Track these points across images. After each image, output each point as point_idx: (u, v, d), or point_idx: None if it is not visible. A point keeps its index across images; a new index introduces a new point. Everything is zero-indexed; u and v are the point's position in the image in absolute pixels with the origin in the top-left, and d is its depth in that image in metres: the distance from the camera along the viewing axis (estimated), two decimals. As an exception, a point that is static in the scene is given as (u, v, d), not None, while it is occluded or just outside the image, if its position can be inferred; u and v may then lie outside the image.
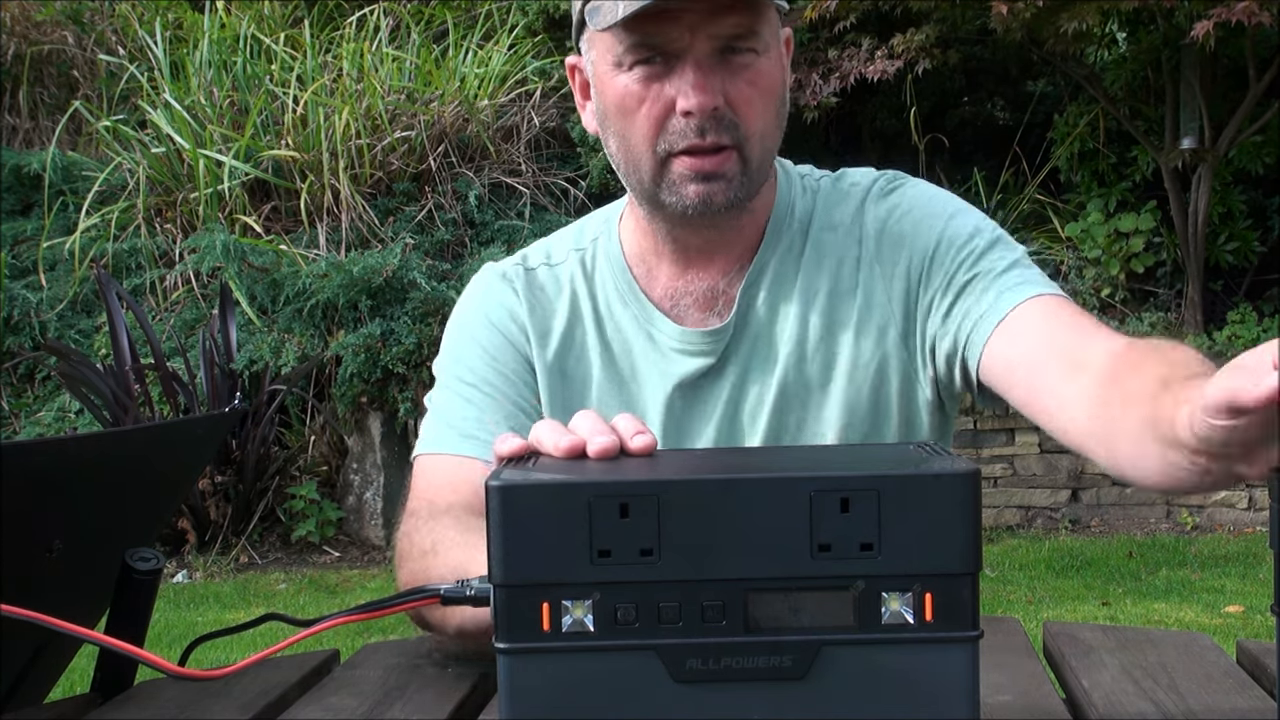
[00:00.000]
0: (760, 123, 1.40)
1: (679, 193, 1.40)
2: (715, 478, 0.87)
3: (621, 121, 1.41)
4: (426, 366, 6.46)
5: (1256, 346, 0.91)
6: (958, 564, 0.84)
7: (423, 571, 1.28)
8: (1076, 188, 7.55)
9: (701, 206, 1.40)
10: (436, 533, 1.32)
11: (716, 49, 1.37)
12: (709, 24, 1.35)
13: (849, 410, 1.46)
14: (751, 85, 1.39)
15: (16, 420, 6.90)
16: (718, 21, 1.35)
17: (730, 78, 1.38)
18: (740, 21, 1.36)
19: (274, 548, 6.50)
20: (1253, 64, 6.77)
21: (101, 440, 1.85)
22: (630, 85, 1.39)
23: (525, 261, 1.58)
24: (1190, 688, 1.14)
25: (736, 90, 1.38)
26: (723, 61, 1.37)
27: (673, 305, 1.50)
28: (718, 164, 1.39)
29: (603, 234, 1.56)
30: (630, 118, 1.40)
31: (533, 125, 7.90)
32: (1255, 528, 6.56)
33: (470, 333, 1.54)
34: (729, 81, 1.37)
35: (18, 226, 7.74)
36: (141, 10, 8.74)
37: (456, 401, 1.50)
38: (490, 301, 1.55)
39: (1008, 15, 6.44)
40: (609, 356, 1.51)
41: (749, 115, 1.39)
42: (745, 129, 1.39)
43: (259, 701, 1.16)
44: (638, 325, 1.51)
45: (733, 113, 1.38)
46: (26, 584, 1.14)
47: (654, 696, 0.85)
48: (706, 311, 1.49)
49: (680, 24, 1.35)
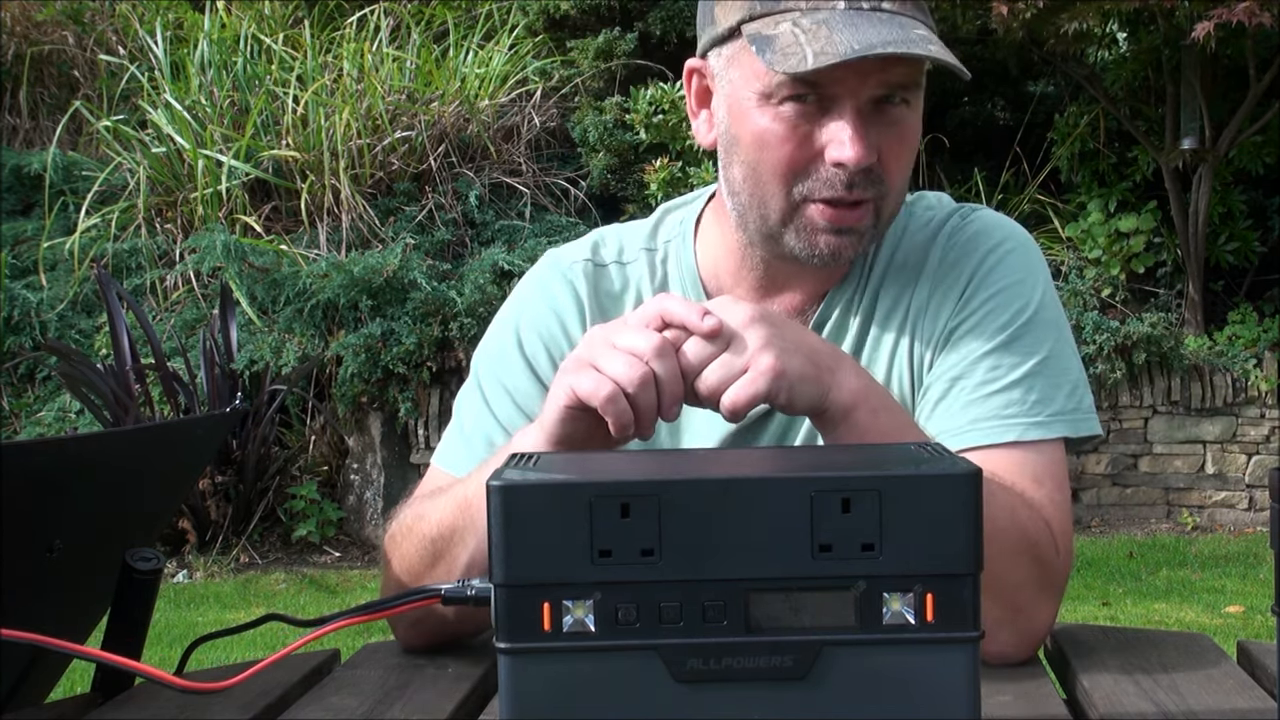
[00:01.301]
0: (901, 178, 1.34)
1: (808, 240, 1.33)
2: (716, 478, 0.87)
3: (758, 154, 1.32)
4: (427, 367, 6.47)
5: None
6: (959, 564, 0.84)
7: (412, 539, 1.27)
8: (1077, 188, 7.55)
9: (830, 259, 1.34)
10: (421, 506, 1.30)
11: (876, 98, 1.29)
12: (879, 73, 1.27)
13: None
14: (901, 140, 1.32)
15: (17, 420, 6.90)
16: (888, 70, 1.27)
17: (884, 131, 1.30)
18: (908, 72, 1.29)
19: (274, 548, 6.50)
20: (1253, 64, 6.77)
21: (102, 440, 1.84)
22: (776, 123, 1.30)
23: (596, 255, 1.48)
24: (1190, 688, 1.14)
25: (888, 145, 1.31)
26: (878, 111, 1.30)
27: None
28: (856, 219, 1.32)
29: (677, 237, 1.48)
30: (769, 153, 1.31)
31: (533, 125, 7.90)
32: (1255, 528, 6.56)
33: (517, 337, 1.45)
34: (883, 135, 1.30)
35: (18, 226, 7.74)
36: (142, 10, 8.74)
37: (482, 413, 1.44)
38: (541, 309, 1.45)
39: (1008, 15, 6.44)
40: None
41: (894, 171, 1.32)
42: (888, 184, 1.32)
43: (259, 702, 1.16)
44: None
45: (880, 168, 1.31)
46: (27, 584, 1.14)
47: (655, 697, 0.85)
48: None
49: (849, 69, 1.25)
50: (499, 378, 1.44)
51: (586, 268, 1.46)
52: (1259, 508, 6.64)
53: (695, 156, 7.38)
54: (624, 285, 1.46)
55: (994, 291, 1.37)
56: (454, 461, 1.42)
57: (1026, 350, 1.35)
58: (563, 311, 1.44)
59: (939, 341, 1.38)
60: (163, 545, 6.11)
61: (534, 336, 1.44)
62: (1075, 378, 1.37)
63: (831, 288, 1.42)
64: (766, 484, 0.85)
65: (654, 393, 1.12)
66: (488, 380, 1.45)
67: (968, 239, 1.40)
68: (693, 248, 1.46)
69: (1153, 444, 6.69)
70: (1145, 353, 6.53)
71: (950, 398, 1.34)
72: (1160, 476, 6.70)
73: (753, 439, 1.42)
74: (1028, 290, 1.38)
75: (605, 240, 1.50)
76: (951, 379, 1.35)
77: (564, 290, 1.45)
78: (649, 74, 7.90)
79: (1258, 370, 6.65)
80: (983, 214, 1.44)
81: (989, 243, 1.40)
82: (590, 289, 1.45)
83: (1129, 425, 6.67)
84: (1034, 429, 1.33)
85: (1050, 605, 1.27)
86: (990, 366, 1.33)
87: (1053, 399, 1.34)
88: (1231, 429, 6.67)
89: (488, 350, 1.47)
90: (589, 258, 1.47)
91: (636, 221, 1.52)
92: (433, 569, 1.25)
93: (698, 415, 1.40)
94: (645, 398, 1.12)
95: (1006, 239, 1.40)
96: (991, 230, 1.41)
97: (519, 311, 1.47)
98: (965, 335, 1.36)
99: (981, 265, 1.38)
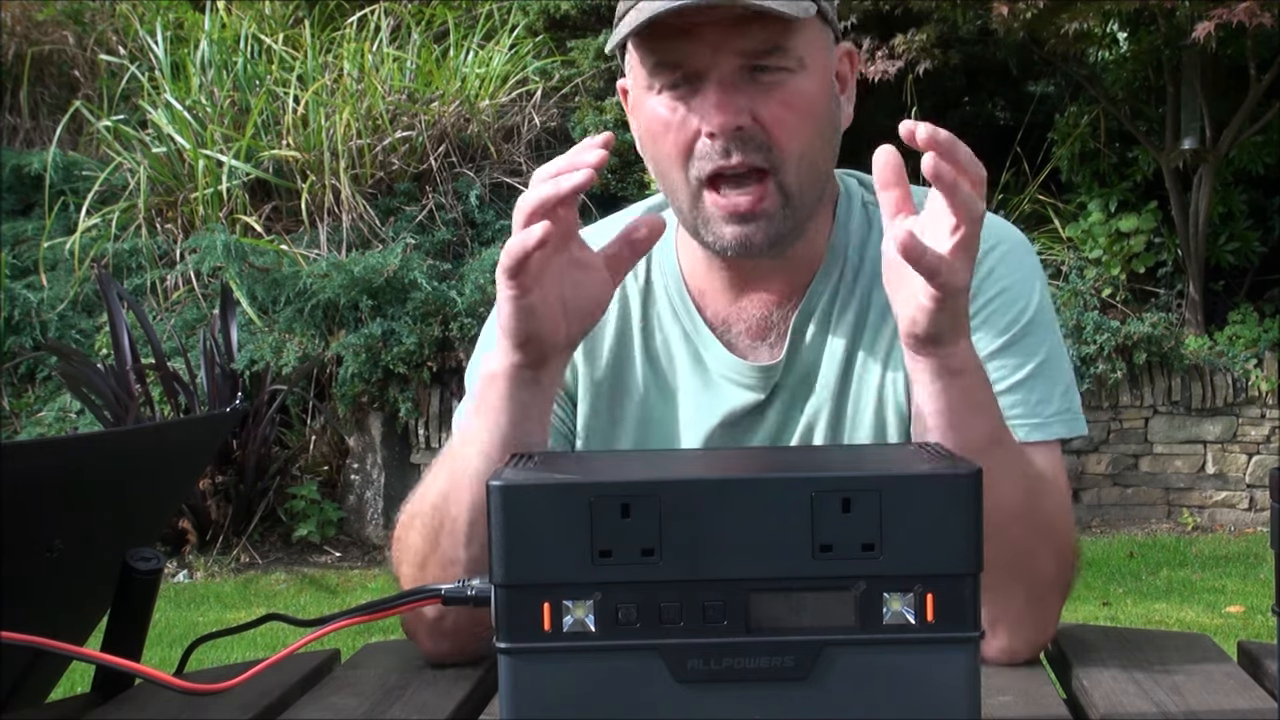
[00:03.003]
0: (798, 144, 1.32)
1: (715, 233, 1.34)
2: (716, 478, 0.87)
3: (654, 147, 1.35)
4: (428, 367, 6.47)
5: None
6: (959, 564, 0.84)
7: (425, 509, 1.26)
8: (1077, 188, 7.55)
9: (740, 249, 1.34)
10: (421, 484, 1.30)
11: (743, 67, 1.30)
12: (732, 39, 1.28)
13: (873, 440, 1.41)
14: (785, 105, 1.31)
15: (17, 420, 6.90)
16: (741, 36, 1.28)
17: (761, 97, 1.30)
18: (766, 36, 1.29)
19: (275, 548, 6.50)
20: (1253, 64, 6.77)
21: (102, 440, 1.84)
22: (659, 109, 1.33)
23: None
24: (1191, 688, 1.14)
25: (768, 110, 1.30)
26: (751, 80, 1.30)
27: (725, 330, 1.43)
28: (753, 202, 1.32)
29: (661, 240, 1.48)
30: (661, 142, 1.34)
31: (533, 125, 7.90)
32: (1256, 528, 6.56)
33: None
34: (759, 100, 1.30)
35: (18, 226, 7.74)
36: (142, 10, 8.73)
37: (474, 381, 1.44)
38: None
39: (1008, 15, 6.44)
40: (653, 369, 1.44)
41: (782, 136, 1.31)
42: (780, 151, 1.31)
43: (259, 702, 1.16)
44: (686, 342, 1.44)
45: (764, 133, 1.30)
46: (27, 584, 1.14)
47: (655, 697, 0.85)
48: (758, 341, 1.42)
49: (702, 41, 1.28)
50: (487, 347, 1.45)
51: None
52: (1259, 508, 6.63)
53: (695, 156, 7.37)
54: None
55: (995, 293, 1.37)
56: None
57: (1028, 351, 1.36)
58: None
59: None
60: (163, 545, 6.11)
61: None
62: (1069, 378, 1.38)
63: (808, 282, 1.41)
64: (767, 484, 0.85)
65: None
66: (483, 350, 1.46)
67: None
68: (675, 248, 1.46)
69: (1153, 444, 6.69)
70: (1146, 353, 6.53)
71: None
72: (1161, 476, 6.70)
73: (744, 436, 1.42)
74: (1027, 291, 1.38)
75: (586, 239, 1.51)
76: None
77: None
78: (649, 74, 7.90)
79: (1258, 370, 6.64)
80: None
81: (985, 245, 1.38)
82: None
83: (1129, 425, 6.66)
84: (1037, 430, 1.34)
85: (1062, 601, 1.29)
86: (995, 368, 1.33)
87: (1051, 399, 1.35)
88: (1232, 429, 6.67)
89: (486, 326, 1.48)
90: None
91: (614, 215, 1.51)
92: (438, 541, 1.23)
93: (691, 408, 1.42)
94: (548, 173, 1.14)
95: (1002, 240, 1.40)
96: (987, 233, 1.41)
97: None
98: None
99: (980, 267, 1.37)
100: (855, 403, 1.41)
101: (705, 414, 1.42)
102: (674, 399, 1.44)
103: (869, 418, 1.40)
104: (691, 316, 1.44)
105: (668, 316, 1.45)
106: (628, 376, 1.45)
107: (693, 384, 1.43)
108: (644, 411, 1.44)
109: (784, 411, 1.42)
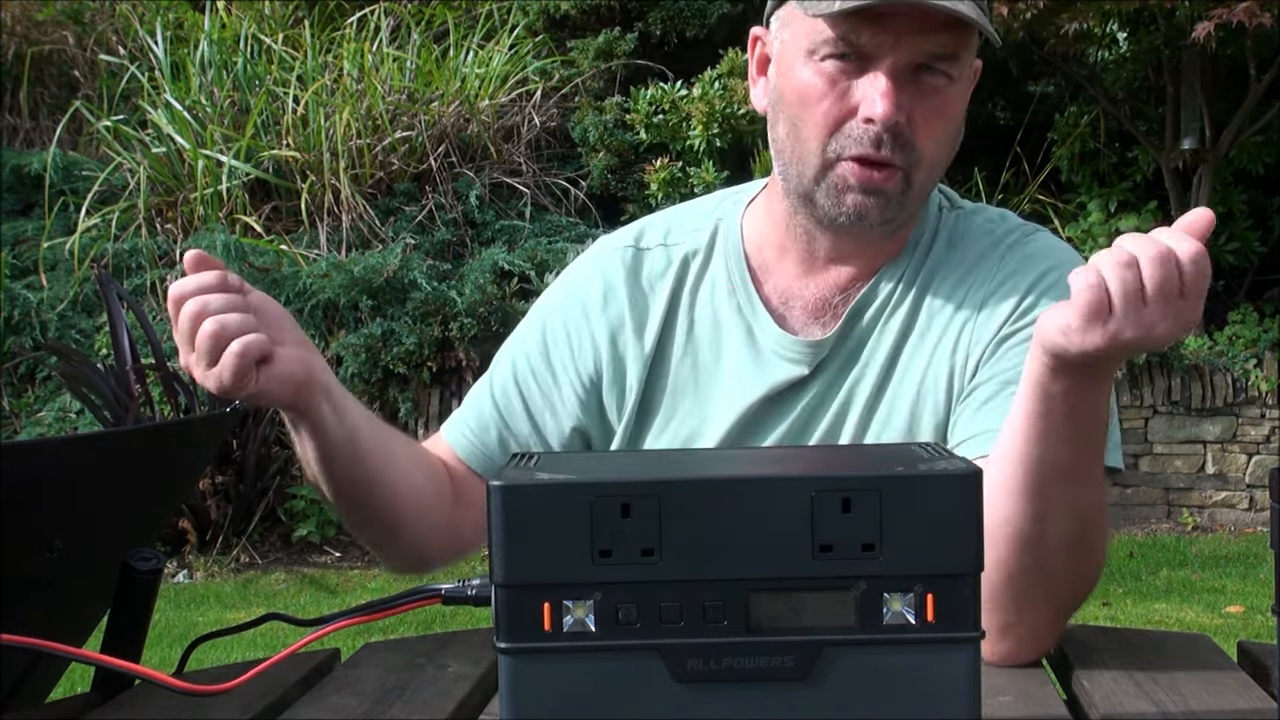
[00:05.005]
0: (934, 149, 1.37)
1: (837, 198, 1.37)
2: (717, 477, 0.87)
3: (799, 110, 1.37)
4: (427, 367, 6.47)
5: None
6: (960, 564, 0.84)
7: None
8: (1077, 188, 7.55)
9: (855, 218, 1.37)
10: None
11: (913, 64, 1.33)
12: (916, 37, 1.32)
13: (905, 435, 1.42)
14: (937, 112, 1.35)
15: (17, 420, 6.90)
16: (926, 37, 1.32)
17: (919, 97, 1.34)
18: (947, 41, 1.33)
19: (274, 548, 6.50)
20: (1253, 64, 6.77)
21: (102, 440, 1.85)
22: (817, 77, 1.35)
23: (640, 241, 1.52)
24: (1191, 688, 1.14)
25: (921, 112, 1.34)
26: (914, 79, 1.34)
27: (781, 306, 1.46)
28: (884, 180, 1.35)
29: (728, 215, 1.51)
30: (809, 109, 1.36)
31: (533, 125, 7.90)
32: (1256, 528, 6.56)
33: (543, 322, 1.52)
34: (916, 100, 1.34)
35: (18, 226, 7.73)
36: (142, 10, 8.73)
37: (484, 395, 1.52)
38: (572, 305, 1.51)
39: (1008, 15, 6.44)
40: (701, 342, 1.47)
41: (925, 140, 1.35)
42: (919, 153, 1.35)
43: (259, 702, 1.16)
44: (739, 317, 1.46)
45: (911, 132, 1.34)
46: (27, 584, 1.14)
47: (656, 697, 0.85)
48: (812, 320, 1.45)
49: (888, 30, 1.31)
50: (512, 351, 1.53)
51: (625, 255, 1.51)
52: (1259, 508, 6.63)
53: (695, 157, 7.38)
54: (666, 266, 1.50)
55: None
56: (447, 425, 1.55)
57: None
58: (589, 305, 1.50)
59: (990, 346, 1.39)
60: (163, 545, 6.11)
61: (558, 324, 1.51)
62: (1115, 413, 1.39)
63: (880, 267, 1.44)
64: (767, 484, 0.85)
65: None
66: (502, 355, 1.54)
67: (1031, 253, 1.44)
68: (740, 225, 1.50)
69: (1153, 444, 6.69)
70: (1145, 352, 6.54)
71: (999, 399, 1.35)
72: (1160, 476, 6.70)
73: (785, 410, 1.44)
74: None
75: (653, 225, 1.55)
76: (1003, 382, 1.36)
77: (595, 282, 1.51)
78: (649, 74, 7.90)
79: (1258, 370, 6.65)
80: (1045, 234, 1.48)
81: (1051, 259, 1.43)
82: (626, 274, 1.50)
83: (1129, 425, 6.67)
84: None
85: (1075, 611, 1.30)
86: None
87: (1110, 431, 1.35)
88: (1232, 429, 6.67)
89: (517, 331, 1.55)
90: (631, 244, 1.52)
91: (697, 200, 1.57)
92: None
93: (736, 381, 1.45)
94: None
95: (1066, 261, 1.42)
96: (1053, 250, 1.45)
97: (553, 299, 1.55)
98: (1022, 343, 1.37)
99: (1043, 279, 1.41)
100: (895, 390, 1.43)
101: (750, 387, 1.44)
102: (720, 371, 1.46)
103: (905, 409, 1.42)
104: (748, 291, 1.47)
105: (723, 290, 1.48)
106: (673, 348, 1.48)
107: (742, 356, 1.46)
108: (688, 384, 1.47)
109: (825, 386, 1.44)
